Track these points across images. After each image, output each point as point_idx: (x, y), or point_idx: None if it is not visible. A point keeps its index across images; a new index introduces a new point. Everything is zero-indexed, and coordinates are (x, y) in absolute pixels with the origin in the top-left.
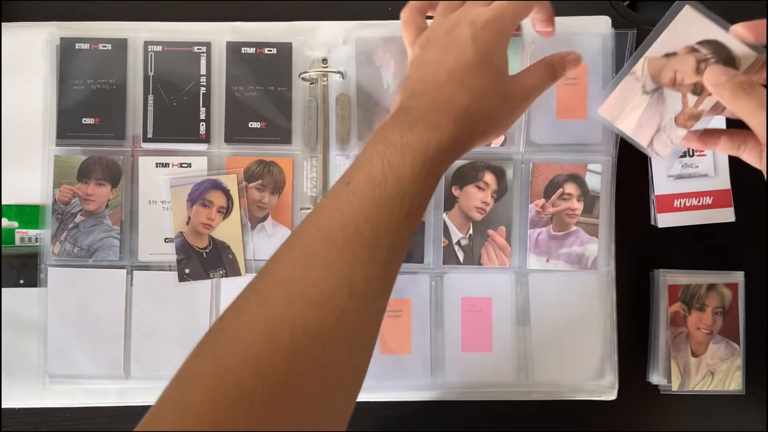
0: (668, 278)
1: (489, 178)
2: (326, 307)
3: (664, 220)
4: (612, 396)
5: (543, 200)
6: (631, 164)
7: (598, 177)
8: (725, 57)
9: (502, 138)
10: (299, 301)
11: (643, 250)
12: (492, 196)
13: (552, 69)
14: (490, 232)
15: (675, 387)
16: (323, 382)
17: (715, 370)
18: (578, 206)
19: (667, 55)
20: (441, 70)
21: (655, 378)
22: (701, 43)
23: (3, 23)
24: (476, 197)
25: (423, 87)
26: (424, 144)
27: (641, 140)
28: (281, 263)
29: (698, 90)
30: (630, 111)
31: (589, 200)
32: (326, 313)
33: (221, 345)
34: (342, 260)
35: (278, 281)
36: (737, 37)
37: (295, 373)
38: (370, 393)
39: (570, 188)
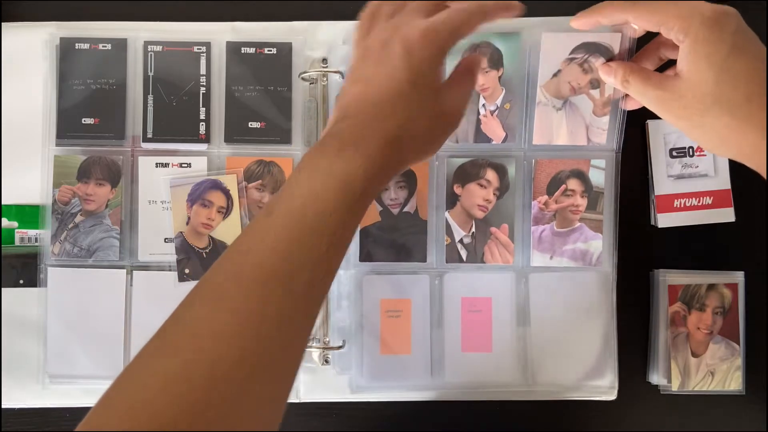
0: (668, 278)
1: (491, 175)
2: (234, 352)
3: (664, 220)
4: (612, 396)
5: (546, 197)
6: (631, 164)
7: (602, 172)
8: (597, 49)
9: (503, 134)
10: (205, 350)
11: (643, 250)
12: (494, 194)
13: (473, 77)
14: (493, 229)
15: (675, 387)
16: (233, 425)
17: (715, 370)
18: (582, 202)
19: (555, 75)
20: (373, 88)
21: (655, 378)
22: (572, 51)
23: (3, 23)
24: (478, 195)
25: (355, 107)
26: (351, 175)
27: (579, 142)
28: (191, 307)
29: (596, 84)
30: (557, 129)
31: (593, 196)
32: (234, 360)
33: (119, 403)
34: (253, 300)
35: (185, 326)
36: (581, 27)
37: (197, 426)
38: (370, 393)
39: (573, 184)
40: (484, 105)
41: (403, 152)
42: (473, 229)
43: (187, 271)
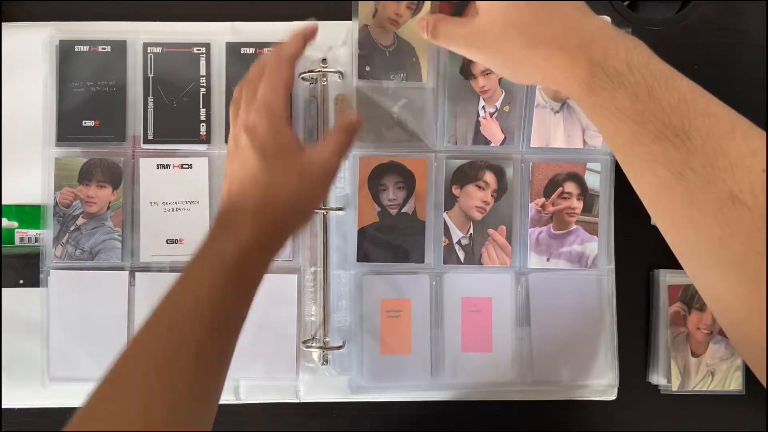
0: (668, 278)
1: (489, 177)
2: None
3: None
4: (612, 396)
5: (543, 199)
6: None
7: (598, 176)
8: None
9: (501, 136)
10: None
11: (643, 250)
12: (492, 196)
13: (346, 134)
14: (491, 231)
15: (675, 387)
16: None
17: (715, 370)
18: (578, 205)
19: None
20: (235, 180)
21: (655, 378)
22: None
23: (3, 23)
24: (476, 196)
25: (227, 199)
26: (221, 254)
27: (576, 145)
28: (83, 410)
29: None
30: (554, 131)
31: (589, 199)
32: None
33: None
34: (136, 396)
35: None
36: None
37: None
38: (370, 393)
39: (570, 187)
40: (483, 107)
41: (276, 221)
42: (471, 231)
43: (367, 68)
